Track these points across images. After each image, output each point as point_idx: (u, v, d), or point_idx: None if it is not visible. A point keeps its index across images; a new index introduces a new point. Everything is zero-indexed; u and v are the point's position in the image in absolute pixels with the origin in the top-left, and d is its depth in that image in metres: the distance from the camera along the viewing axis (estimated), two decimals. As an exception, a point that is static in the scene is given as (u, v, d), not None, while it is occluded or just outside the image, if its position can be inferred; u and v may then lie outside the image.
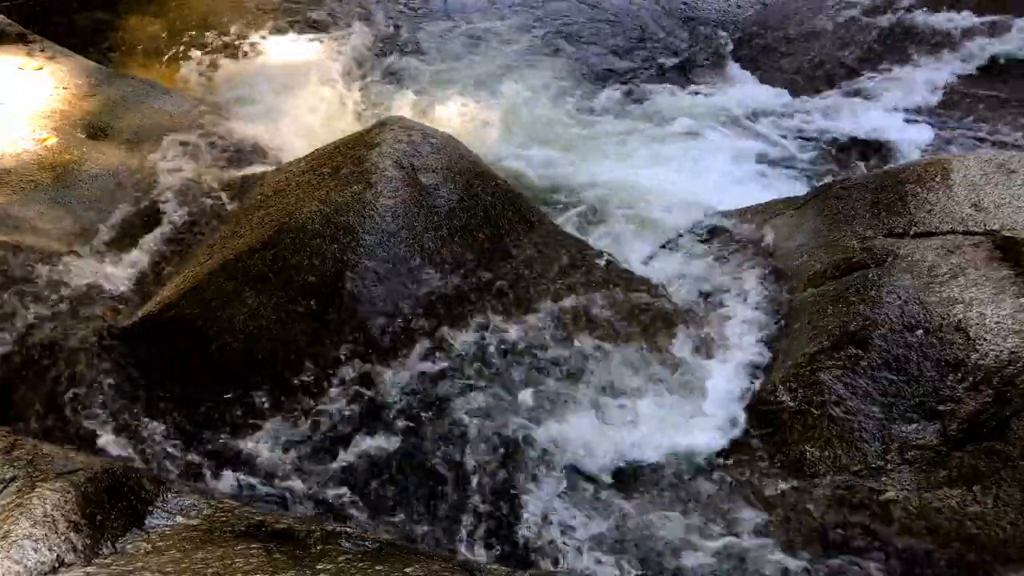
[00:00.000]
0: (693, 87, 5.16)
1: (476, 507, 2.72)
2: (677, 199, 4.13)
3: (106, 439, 2.85)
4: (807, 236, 3.54)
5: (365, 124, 4.18)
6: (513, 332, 3.12)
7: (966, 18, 5.47)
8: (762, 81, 5.24)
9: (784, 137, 4.72)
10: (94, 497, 2.15)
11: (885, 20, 5.57)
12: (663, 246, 3.87)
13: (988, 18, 5.44)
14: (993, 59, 5.22)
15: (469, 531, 2.67)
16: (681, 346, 3.18)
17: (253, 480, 2.76)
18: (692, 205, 4.07)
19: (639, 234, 3.96)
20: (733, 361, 3.16)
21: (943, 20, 5.50)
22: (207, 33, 5.28)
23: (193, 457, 2.83)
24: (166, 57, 5.12)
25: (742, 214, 3.90)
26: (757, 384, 3.06)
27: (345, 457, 2.84)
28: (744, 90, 5.15)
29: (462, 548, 2.62)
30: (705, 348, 3.19)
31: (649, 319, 3.21)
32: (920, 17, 5.55)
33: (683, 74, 5.30)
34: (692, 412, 3.01)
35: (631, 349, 3.12)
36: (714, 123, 4.81)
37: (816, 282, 3.29)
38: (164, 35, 5.24)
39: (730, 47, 5.50)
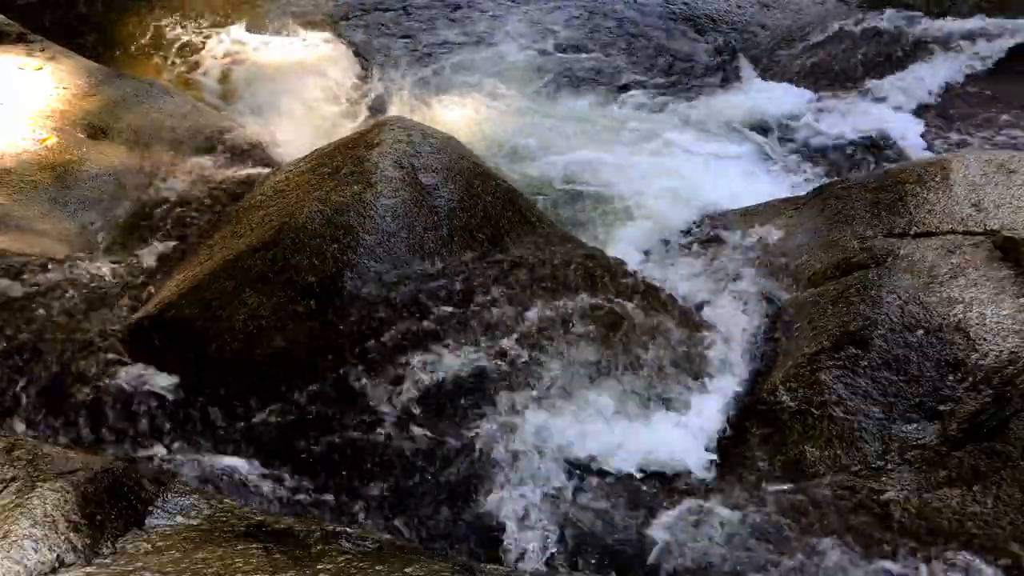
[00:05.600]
0: (692, 87, 5.15)
1: (475, 506, 2.73)
2: (677, 198, 4.13)
3: (106, 439, 2.85)
4: (807, 236, 3.54)
5: (365, 124, 4.18)
6: (512, 331, 3.11)
7: (966, 19, 5.47)
8: (762, 81, 5.24)
9: (784, 137, 4.71)
10: (94, 497, 2.15)
11: (885, 21, 5.56)
12: (664, 246, 3.87)
13: (988, 19, 5.44)
14: (993, 60, 5.23)
15: (468, 530, 2.67)
16: (680, 346, 3.18)
17: (253, 480, 2.76)
18: (692, 205, 4.07)
19: (639, 234, 3.96)
20: (733, 361, 3.16)
21: (943, 21, 5.49)
22: (207, 33, 5.28)
23: (192, 457, 2.83)
24: (166, 57, 5.11)
25: (742, 214, 3.90)
26: (757, 384, 3.06)
27: (345, 456, 2.84)
28: (743, 90, 5.14)
29: (461, 547, 2.62)
30: (705, 348, 3.19)
31: (648, 319, 3.21)
32: (920, 18, 5.55)
33: (681, 74, 5.29)
34: (691, 412, 3.01)
35: (630, 349, 3.12)
36: (713, 123, 4.81)
37: (816, 282, 3.29)
38: (164, 35, 5.24)
39: (729, 47, 5.50)
